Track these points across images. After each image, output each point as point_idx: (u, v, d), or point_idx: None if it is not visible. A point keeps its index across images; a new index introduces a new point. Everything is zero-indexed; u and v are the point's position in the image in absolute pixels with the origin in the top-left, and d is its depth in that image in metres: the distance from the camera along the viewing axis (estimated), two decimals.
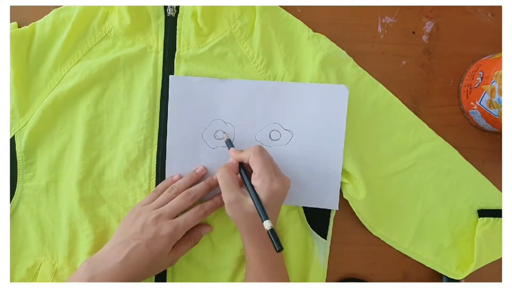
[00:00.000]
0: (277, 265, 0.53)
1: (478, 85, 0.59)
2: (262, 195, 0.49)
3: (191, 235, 0.55)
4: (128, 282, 0.49)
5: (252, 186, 0.50)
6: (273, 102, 0.57)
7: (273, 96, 0.57)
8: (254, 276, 0.52)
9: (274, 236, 0.46)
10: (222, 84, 0.57)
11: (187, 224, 0.52)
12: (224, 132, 0.57)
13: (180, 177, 0.56)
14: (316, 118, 0.57)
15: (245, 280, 0.54)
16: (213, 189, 0.56)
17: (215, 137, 0.57)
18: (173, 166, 0.57)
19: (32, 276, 0.56)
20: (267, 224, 0.47)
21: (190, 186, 0.55)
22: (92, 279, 0.47)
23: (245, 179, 0.51)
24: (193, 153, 0.57)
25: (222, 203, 0.55)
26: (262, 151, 0.51)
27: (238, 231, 0.54)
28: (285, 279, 0.53)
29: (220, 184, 0.51)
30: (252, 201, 0.49)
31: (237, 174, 0.52)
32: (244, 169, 0.53)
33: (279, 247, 0.46)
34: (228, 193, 0.50)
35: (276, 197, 0.50)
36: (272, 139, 0.58)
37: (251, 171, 0.51)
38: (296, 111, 0.57)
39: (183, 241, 0.54)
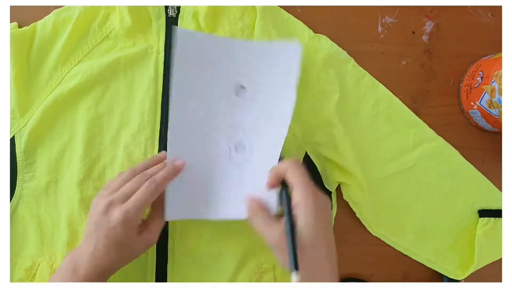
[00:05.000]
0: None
1: (478, 85, 0.59)
2: (310, 217, 0.43)
3: (156, 208, 0.51)
4: (110, 270, 0.48)
5: (292, 221, 0.43)
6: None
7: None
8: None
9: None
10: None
11: (138, 204, 0.47)
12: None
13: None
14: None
15: None
16: (174, 175, 0.51)
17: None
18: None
19: (30, 277, 0.55)
20: (294, 278, 0.41)
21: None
22: (76, 268, 0.47)
23: (287, 210, 0.44)
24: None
25: (176, 172, 0.51)
26: (299, 163, 0.47)
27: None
28: None
29: (255, 227, 0.47)
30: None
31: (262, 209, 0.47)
32: (286, 193, 0.46)
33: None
34: (269, 232, 0.45)
35: (325, 216, 0.45)
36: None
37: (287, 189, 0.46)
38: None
39: (151, 218, 0.51)
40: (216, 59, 0.55)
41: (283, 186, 0.47)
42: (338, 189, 0.60)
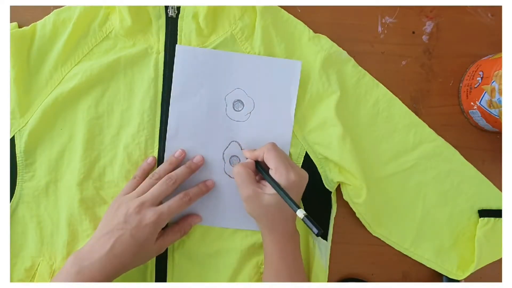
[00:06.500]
0: (298, 262, 0.53)
1: (478, 85, 0.59)
2: (281, 181, 0.50)
3: (181, 225, 0.55)
4: (118, 273, 0.49)
5: (273, 179, 0.50)
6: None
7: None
8: (274, 273, 0.51)
9: (311, 222, 0.45)
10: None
11: (171, 211, 0.51)
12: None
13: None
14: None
15: (264, 276, 0.53)
16: (194, 172, 0.56)
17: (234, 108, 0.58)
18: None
19: (30, 277, 0.56)
20: (300, 214, 0.46)
21: (171, 171, 0.54)
22: (80, 271, 0.47)
23: (264, 173, 0.52)
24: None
25: (207, 190, 0.56)
26: (275, 147, 0.53)
27: (259, 228, 0.54)
28: (304, 277, 0.53)
29: (236, 181, 0.53)
30: (270, 196, 0.50)
31: (253, 171, 0.53)
32: (261, 166, 0.53)
33: (318, 231, 0.45)
34: (245, 188, 0.51)
35: (295, 188, 0.51)
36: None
37: (267, 169, 0.52)
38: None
39: (172, 230, 0.54)
40: (216, 73, 0.57)
41: (256, 162, 0.54)
42: (338, 189, 0.60)
